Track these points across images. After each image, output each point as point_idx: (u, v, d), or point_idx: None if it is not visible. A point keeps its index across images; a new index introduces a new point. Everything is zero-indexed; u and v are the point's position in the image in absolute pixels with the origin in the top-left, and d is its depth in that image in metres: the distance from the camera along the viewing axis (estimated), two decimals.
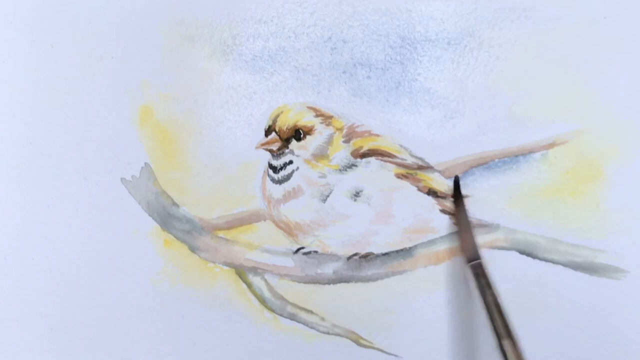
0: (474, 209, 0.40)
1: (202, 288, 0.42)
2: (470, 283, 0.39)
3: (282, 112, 0.41)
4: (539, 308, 0.40)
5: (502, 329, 0.34)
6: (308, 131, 0.41)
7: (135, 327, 0.42)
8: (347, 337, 0.41)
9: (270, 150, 0.41)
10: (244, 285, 0.42)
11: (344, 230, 0.41)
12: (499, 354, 0.34)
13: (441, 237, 0.41)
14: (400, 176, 0.41)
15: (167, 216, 0.42)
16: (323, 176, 0.41)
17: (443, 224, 0.41)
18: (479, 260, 0.37)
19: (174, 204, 0.42)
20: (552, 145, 0.40)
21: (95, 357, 0.43)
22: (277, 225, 0.41)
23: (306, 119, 0.41)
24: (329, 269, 0.41)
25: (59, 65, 0.43)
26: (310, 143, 0.41)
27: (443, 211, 0.41)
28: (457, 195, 0.40)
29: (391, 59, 0.41)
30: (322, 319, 0.41)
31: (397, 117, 0.41)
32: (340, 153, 0.41)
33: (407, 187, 0.41)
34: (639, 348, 0.40)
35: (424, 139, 0.41)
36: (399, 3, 0.41)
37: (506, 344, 0.33)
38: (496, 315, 0.34)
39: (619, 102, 0.40)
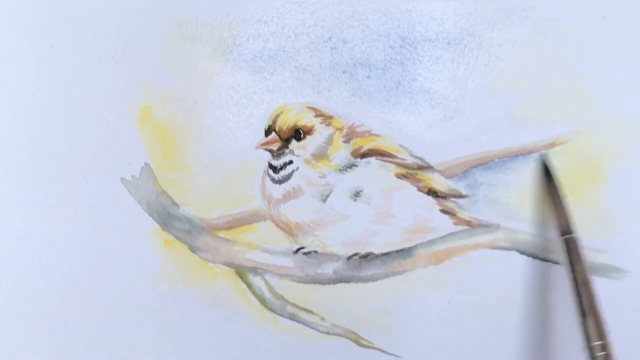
0: (474, 209, 0.40)
1: (202, 288, 0.42)
2: (477, 278, 0.39)
3: (282, 112, 0.41)
4: (539, 308, 0.40)
5: (587, 306, 0.34)
6: (308, 131, 0.41)
7: (135, 327, 0.42)
8: (347, 337, 0.41)
9: (270, 150, 0.41)
10: (244, 285, 0.42)
11: (344, 230, 0.41)
12: (582, 331, 0.33)
13: (441, 237, 0.41)
14: (400, 176, 0.41)
15: (167, 216, 0.42)
16: (323, 176, 0.41)
17: (443, 224, 0.41)
18: (572, 235, 0.37)
19: (174, 204, 0.42)
20: (552, 145, 0.40)
21: (95, 357, 0.43)
22: (277, 225, 0.41)
23: (306, 119, 0.41)
24: (329, 269, 0.41)
25: (59, 65, 0.43)
26: (310, 143, 0.41)
27: (443, 211, 0.41)
28: (548, 171, 0.39)
29: (391, 59, 0.41)
30: (322, 319, 0.41)
31: (397, 117, 0.41)
32: (340, 153, 0.41)
33: (407, 187, 0.41)
34: (639, 348, 0.40)
35: (424, 139, 0.41)
36: (399, 3, 0.41)
37: (589, 322, 0.33)
38: (583, 292, 0.34)
39: (619, 102, 0.40)
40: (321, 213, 0.41)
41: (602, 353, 0.32)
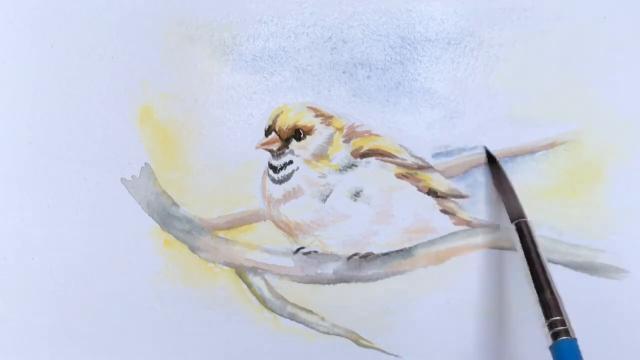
0: (474, 209, 0.40)
1: (202, 288, 0.42)
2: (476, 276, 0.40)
3: (282, 112, 0.41)
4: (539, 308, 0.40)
5: (544, 283, 0.35)
6: (308, 131, 0.41)
7: (135, 327, 0.42)
8: (347, 337, 0.41)
9: (270, 150, 0.41)
10: (244, 285, 0.42)
11: (344, 230, 0.41)
12: (540, 308, 0.35)
13: (441, 237, 0.41)
14: (400, 176, 0.41)
15: (167, 216, 0.42)
16: (323, 176, 0.41)
17: (443, 224, 0.41)
18: (524, 219, 0.38)
19: (174, 204, 0.42)
20: (552, 145, 0.40)
21: (95, 357, 0.43)
22: (277, 225, 0.41)
23: (306, 119, 0.41)
24: (329, 269, 0.41)
25: (59, 65, 0.43)
26: (310, 143, 0.41)
27: (443, 211, 0.41)
28: (491, 160, 0.40)
29: (391, 59, 0.41)
30: (322, 319, 0.41)
31: (397, 117, 0.41)
32: (340, 153, 0.41)
33: (407, 187, 0.41)
34: (639, 348, 0.40)
35: (424, 139, 0.41)
36: (399, 3, 0.41)
37: (547, 297, 0.35)
38: (539, 270, 0.36)
39: (619, 102, 0.40)
40: (321, 213, 0.41)
41: (562, 328, 0.33)
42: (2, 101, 0.44)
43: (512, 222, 0.38)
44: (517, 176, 0.40)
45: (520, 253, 0.37)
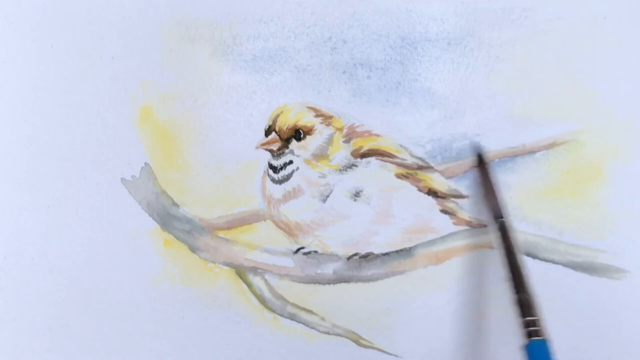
0: (474, 209, 0.40)
1: (202, 288, 0.42)
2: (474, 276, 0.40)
3: (282, 112, 0.41)
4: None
5: (521, 284, 0.35)
6: (308, 131, 0.41)
7: (135, 327, 0.42)
8: (347, 337, 0.41)
9: (271, 150, 0.41)
10: (244, 285, 0.42)
11: (344, 230, 0.41)
12: (516, 307, 0.35)
13: (441, 237, 0.41)
14: (400, 176, 0.41)
15: (167, 216, 0.42)
16: (323, 176, 0.41)
17: (443, 224, 0.41)
18: (504, 218, 0.38)
19: (174, 204, 0.42)
20: (552, 145, 0.40)
21: (95, 357, 0.43)
22: (277, 225, 0.41)
23: (306, 119, 0.41)
24: (329, 269, 0.41)
25: (59, 65, 0.43)
26: (310, 143, 0.41)
27: (443, 211, 0.41)
28: (481, 161, 0.40)
29: (391, 59, 0.41)
30: (322, 319, 0.41)
31: (397, 117, 0.41)
32: (340, 153, 0.41)
33: (407, 187, 0.41)
34: (639, 348, 0.40)
35: (424, 139, 0.41)
36: (399, 3, 0.41)
37: (523, 298, 0.35)
38: (516, 271, 0.36)
39: (619, 102, 0.40)
40: (321, 213, 0.41)
41: (534, 328, 0.33)
42: (2, 101, 0.44)
43: (494, 220, 0.38)
44: (517, 176, 0.40)
45: (500, 252, 0.37)
